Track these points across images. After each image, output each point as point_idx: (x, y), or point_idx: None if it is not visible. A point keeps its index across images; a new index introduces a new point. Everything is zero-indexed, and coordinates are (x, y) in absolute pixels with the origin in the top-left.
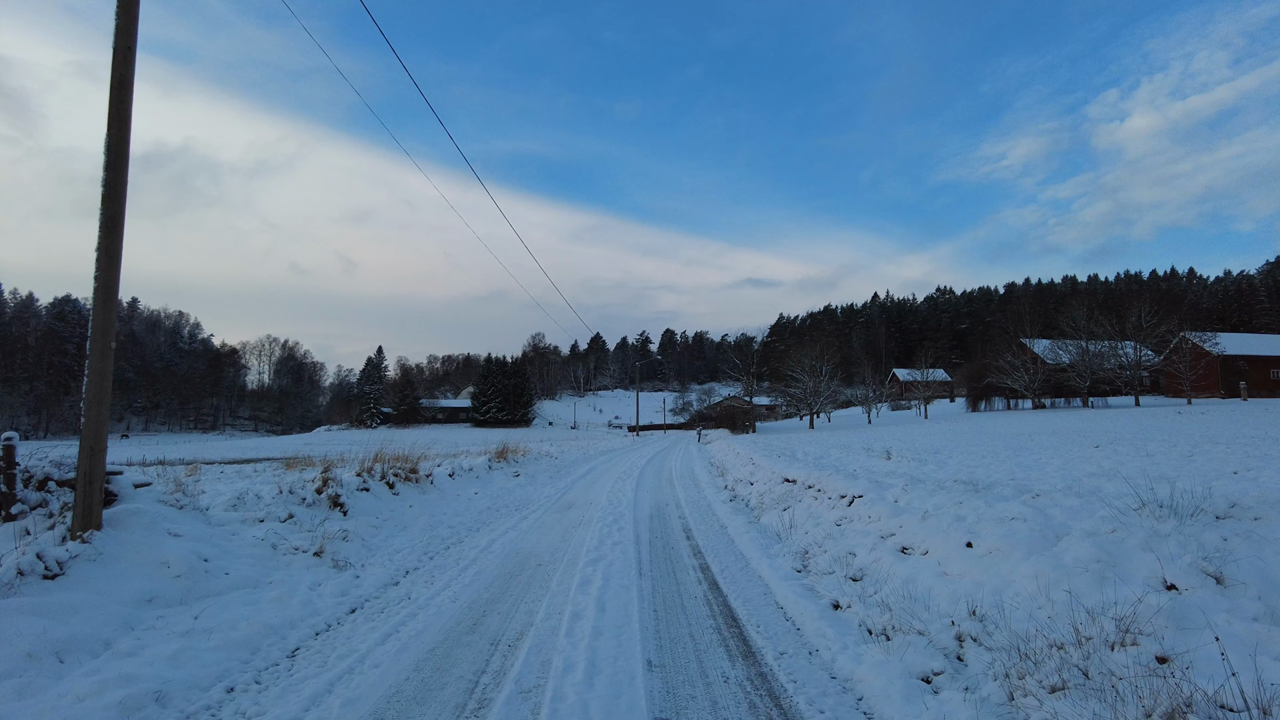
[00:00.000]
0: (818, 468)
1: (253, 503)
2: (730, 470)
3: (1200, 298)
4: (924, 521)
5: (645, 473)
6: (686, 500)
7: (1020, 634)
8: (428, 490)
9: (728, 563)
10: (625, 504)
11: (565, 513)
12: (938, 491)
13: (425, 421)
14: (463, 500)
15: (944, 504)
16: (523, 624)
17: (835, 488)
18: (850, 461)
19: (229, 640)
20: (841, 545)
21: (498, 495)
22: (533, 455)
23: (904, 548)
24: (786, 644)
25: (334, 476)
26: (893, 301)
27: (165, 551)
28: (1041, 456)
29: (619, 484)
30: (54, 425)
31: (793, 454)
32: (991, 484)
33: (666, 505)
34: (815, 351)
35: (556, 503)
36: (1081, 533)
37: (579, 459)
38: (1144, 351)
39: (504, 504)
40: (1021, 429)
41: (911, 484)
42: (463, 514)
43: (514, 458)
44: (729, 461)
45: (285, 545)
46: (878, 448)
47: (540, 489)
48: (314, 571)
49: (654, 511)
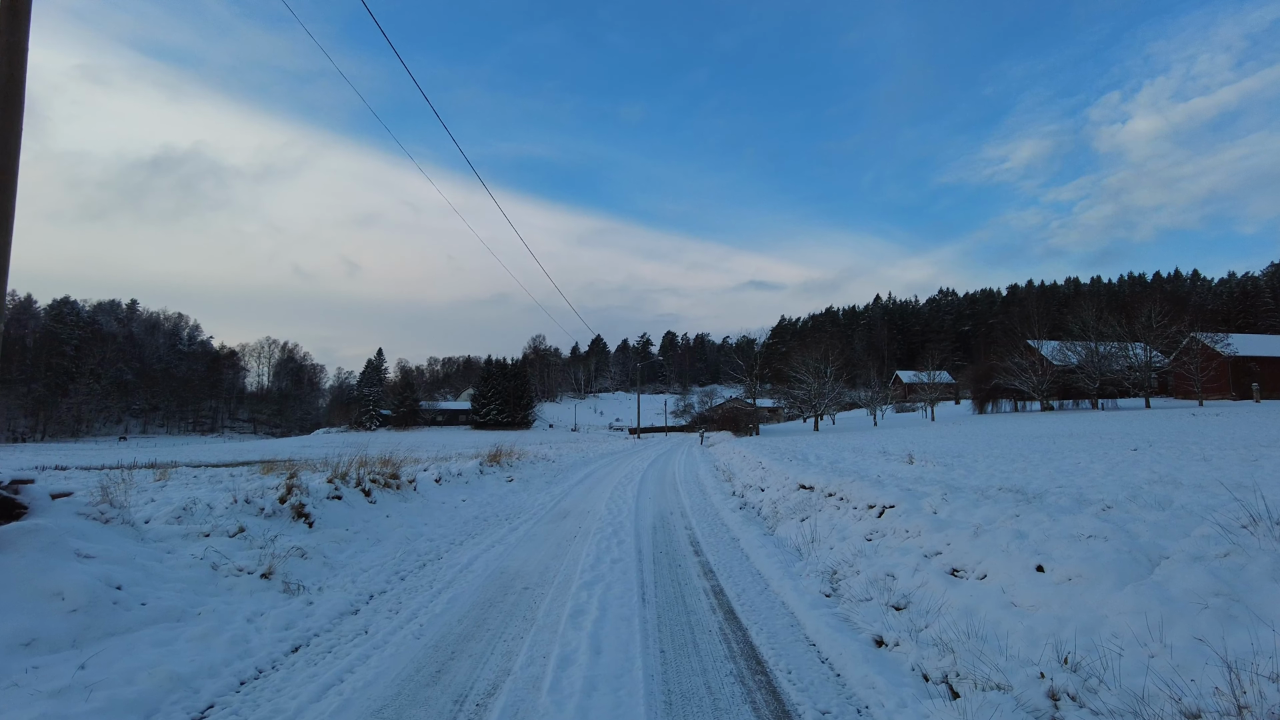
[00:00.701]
0: (836, 473)
1: (201, 514)
2: (738, 475)
3: (1205, 299)
4: (976, 538)
5: (647, 477)
6: (692, 508)
7: (1136, 692)
8: (410, 498)
9: (744, 584)
10: (626, 512)
11: (560, 523)
12: (983, 501)
13: (425, 424)
14: (448, 509)
15: (996, 516)
16: (498, 671)
17: (861, 496)
18: (868, 466)
19: (116, 700)
20: (876, 565)
21: (487, 503)
22: (528, 459)
23: (955, 570)
24: (828, 699)
25: (300, 483)
26: (894, 303)
27: (61, 579)
28: (1079, 460)
29: (619, 490)
30: (51, 428)
31: (804, 457)
32: (1041, 492)
33: (671, 514)
34: (820, 352)
35: (551, 511)
36: (1184, 556)
37: (578, 462)
38: (1153, 353)
39: (494, 513)
40: (1038, 431)
41: (951, 492)
42: (446, 525)
43: (508, 461)
44: (735, 465)
45: (228, 565)
46: (894, 451)
47: (535, 496)
48: (258, 598)
49: (657, 521)
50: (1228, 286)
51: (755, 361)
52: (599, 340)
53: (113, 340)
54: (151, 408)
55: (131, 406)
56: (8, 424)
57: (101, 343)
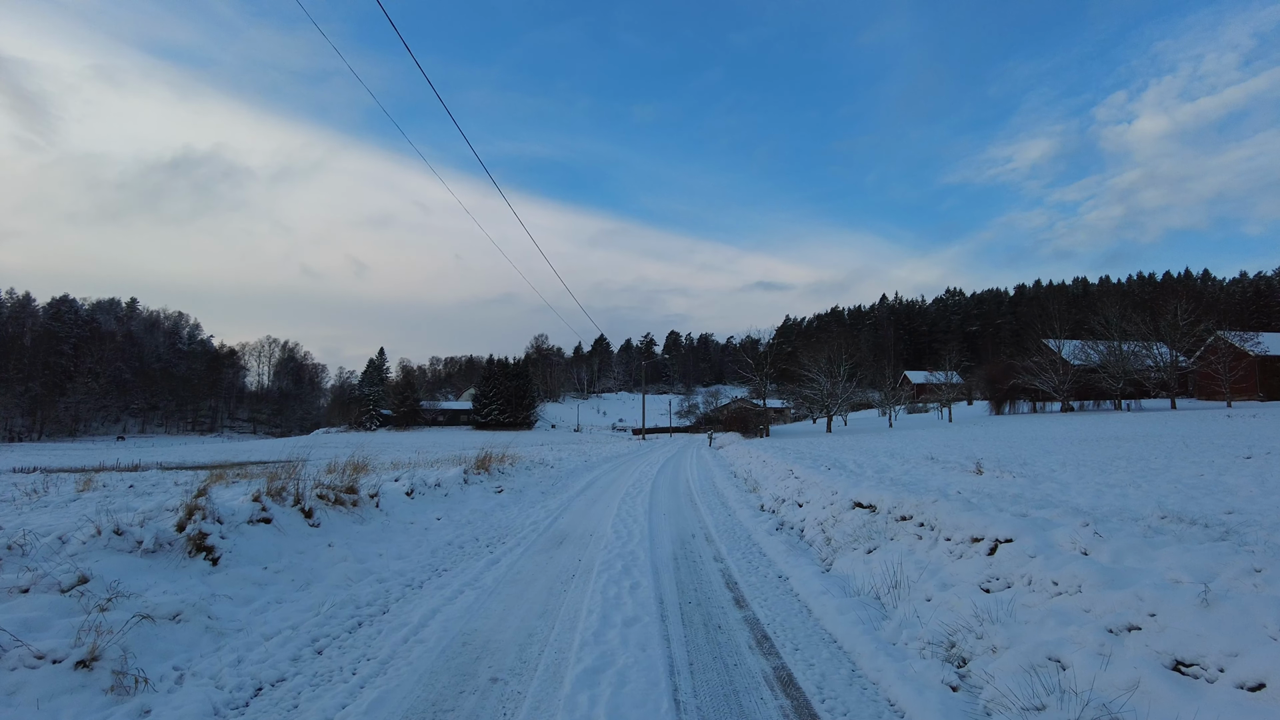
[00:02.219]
0: (898, 486)
1: (41, 553)
2: (764, 485)
3: (1217, 299)
4: (1207, 609)
5: (658, 486)
6: (718, 529)
7: None
8: (369, 517)
9: (822, 665)
10: (637, 537)
11: (554, 551)
12: (1155, 537)
13: (425, 424)
14: (416, 531)
15: (1207, 565)
16: None
17: (954, 523)
18: (925, 475)
19: None
20: (1021, 637)
21: (468, 522)
22: (523, 464)
23: (1180, 663)
24: None
25: (208, 504)
26: (901, 303)
27: None
28: (1199, 471)
29: (628, 503)
30: (49, 427)
31: (839, 464)
32: (1226, 524)
33: (693, 538)
34: (833, 350)
35: (545, 534)
36: None
37: (579, 467)
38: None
39: (473, 535)
40: (1085, 433)
41: (1095, 522)
42: (410, 554)
43: (499, 468)
44: (756, 471)
45: (23, 653)
46: (943, 456)
47: (527, 511)
48: (51, 709)
49: (678, 550)
50: (1240, 286)
51: (765, 359)
52: (602, 340)
53: (111, 339)
54: (150, 407)
55: (130, 406)
56: (4, 423)
57: (100, 341)
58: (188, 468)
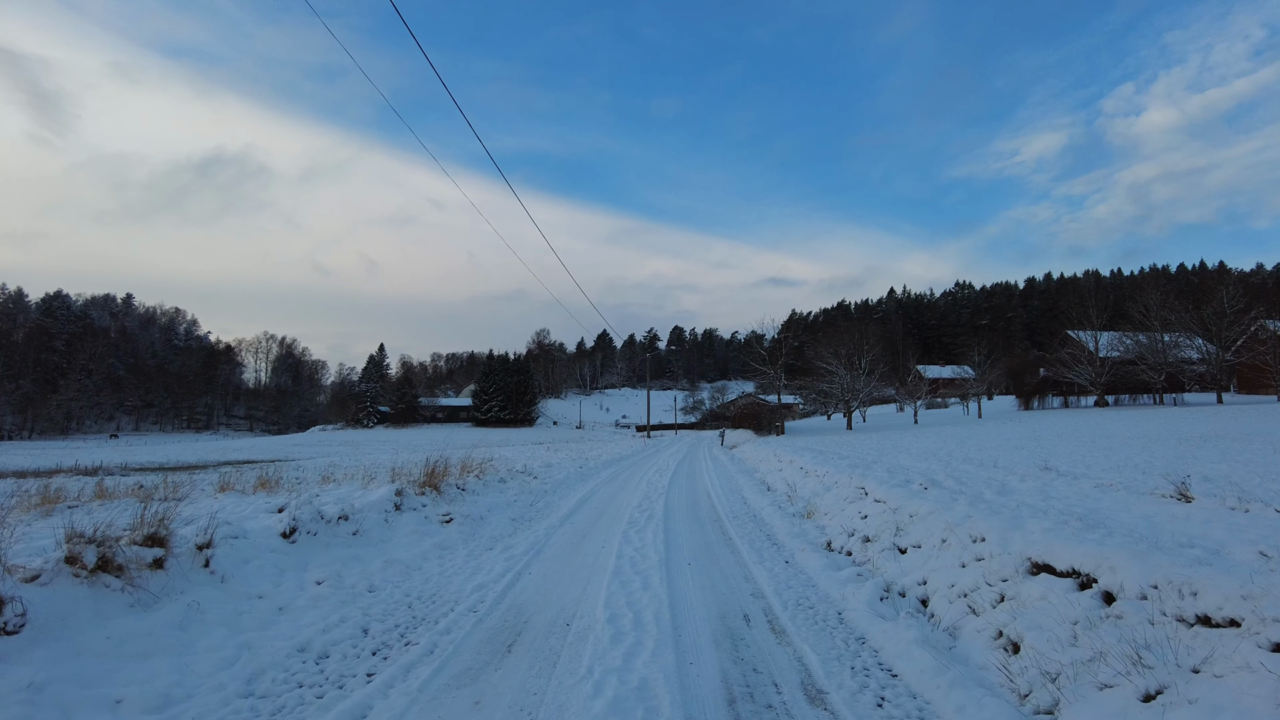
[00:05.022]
0: (1074, 521)
1: None
2: (818, 505)
3: (1265, 285)
4: None
5: (673, 506)
6: (783, 602)
7: None
8: (171, 593)
9: None
10: (651, 630)
11: (491, 675)
12: None
13: (424, 421)
14: (258, 616)
15: None
16: None
17: None
18: (1082, 500)
19: None
20: None
21: (369, 589)
22: (497, 475)
23: None
24: None
25: None
26: (909, 297)
27: None
28: None
29: (632, 540)
30: (40, 425)
31: (905, 474)
32: None
33: (749, 626)
34: (854, 341)
35: (490, 615)
36: None
37: (572, 477)
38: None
39: (360, 625)
40: (1146, 431)
41: None
42: (194, 694)
43: (459, 482)
44: (796, 482)
45: None
46: (1058, 465)
47: (477, 559)
48: None
49: (727, 662)
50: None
51: (780, 352)
52: (605, 335)
53: (105, 335)
54: (145, 404)
55: (124, 403)
56: None
57: (93, 338)
58: (152, 469)
